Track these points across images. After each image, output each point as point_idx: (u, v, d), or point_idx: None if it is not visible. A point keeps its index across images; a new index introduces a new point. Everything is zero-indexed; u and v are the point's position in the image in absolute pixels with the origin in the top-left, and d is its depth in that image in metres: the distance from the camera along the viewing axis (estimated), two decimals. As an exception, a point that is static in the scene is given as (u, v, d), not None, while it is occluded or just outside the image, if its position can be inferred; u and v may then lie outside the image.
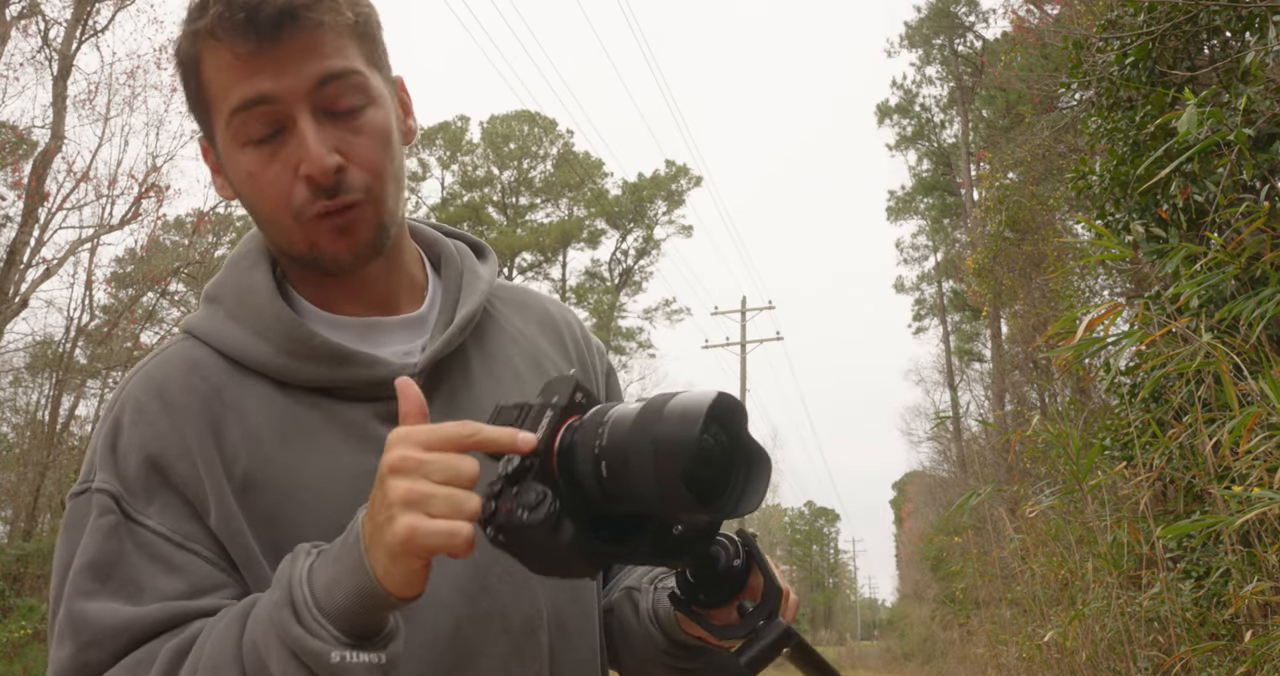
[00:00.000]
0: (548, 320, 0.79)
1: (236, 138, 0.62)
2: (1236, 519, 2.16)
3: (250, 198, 0.64)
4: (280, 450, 0.62)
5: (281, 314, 0.65)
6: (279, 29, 0.58)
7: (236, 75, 0.60)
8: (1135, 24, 3.95)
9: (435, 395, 0.67)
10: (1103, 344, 2.82)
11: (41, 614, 8.58)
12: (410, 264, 0.72)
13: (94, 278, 11.83)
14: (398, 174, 0.66)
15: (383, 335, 0.68)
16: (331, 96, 0.61)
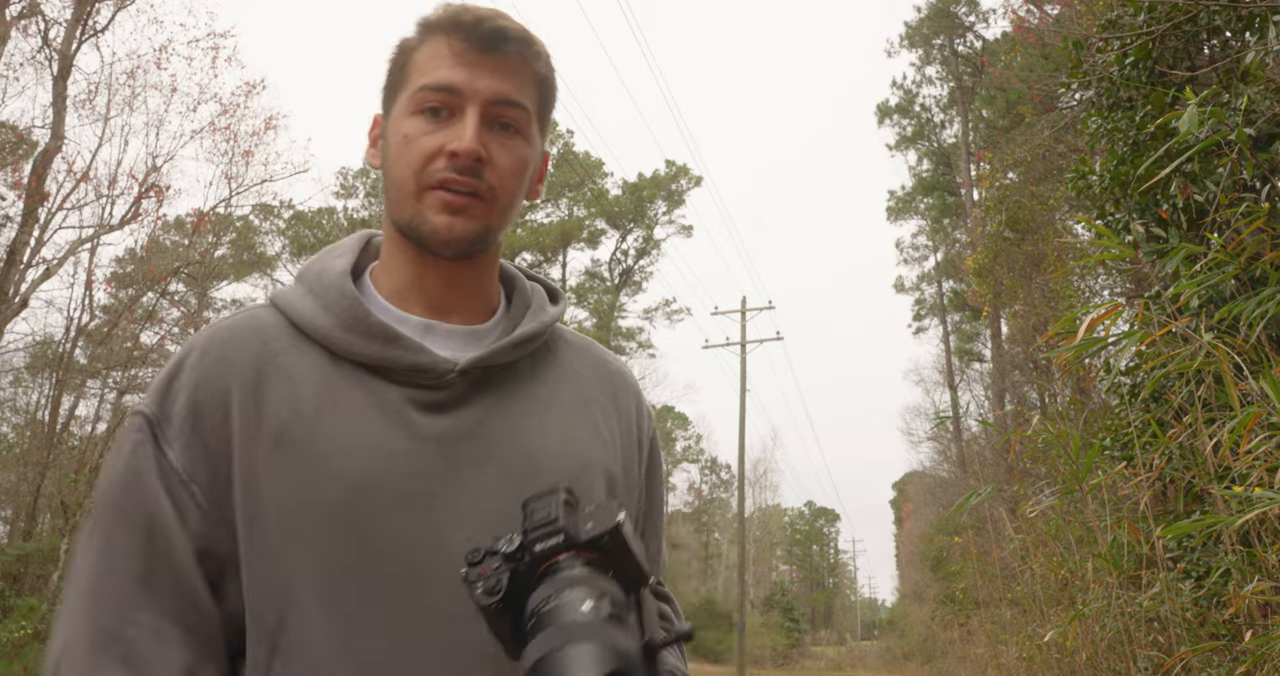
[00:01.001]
0: (605, 371, 0.84)
1: (411, 105, 0.72)
2: (1237, 519, 2.16)
3: (395, 158, 0.73)
4: (317, 413, 0.68)
5: (347, 292, 0.73)
6: (492, 46, 0.72)
7: (441, 63, 0.71)
8: (1135, 24, 3.94)
9: (478, 401, 0.72)
10: (1103, 344, 2.82)
11: (41, 614, 8.56)
12: (486, 286, 0.79)
13: (94, 278, 11.79)
14: (516, 200, 0.75)
15: (438, 337, 0.74)
16: (499, 113, 0.73)
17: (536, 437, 0.73)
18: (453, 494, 0.68)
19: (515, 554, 0.56)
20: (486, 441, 0.71)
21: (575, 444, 0.76)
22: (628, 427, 0.82)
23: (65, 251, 10.13)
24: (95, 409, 13.61)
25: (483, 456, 0.70)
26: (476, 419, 0.71)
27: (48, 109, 9.55)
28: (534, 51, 0.74)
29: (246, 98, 12.34)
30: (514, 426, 0.73)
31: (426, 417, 0.70)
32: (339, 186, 21.74)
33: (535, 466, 0.72)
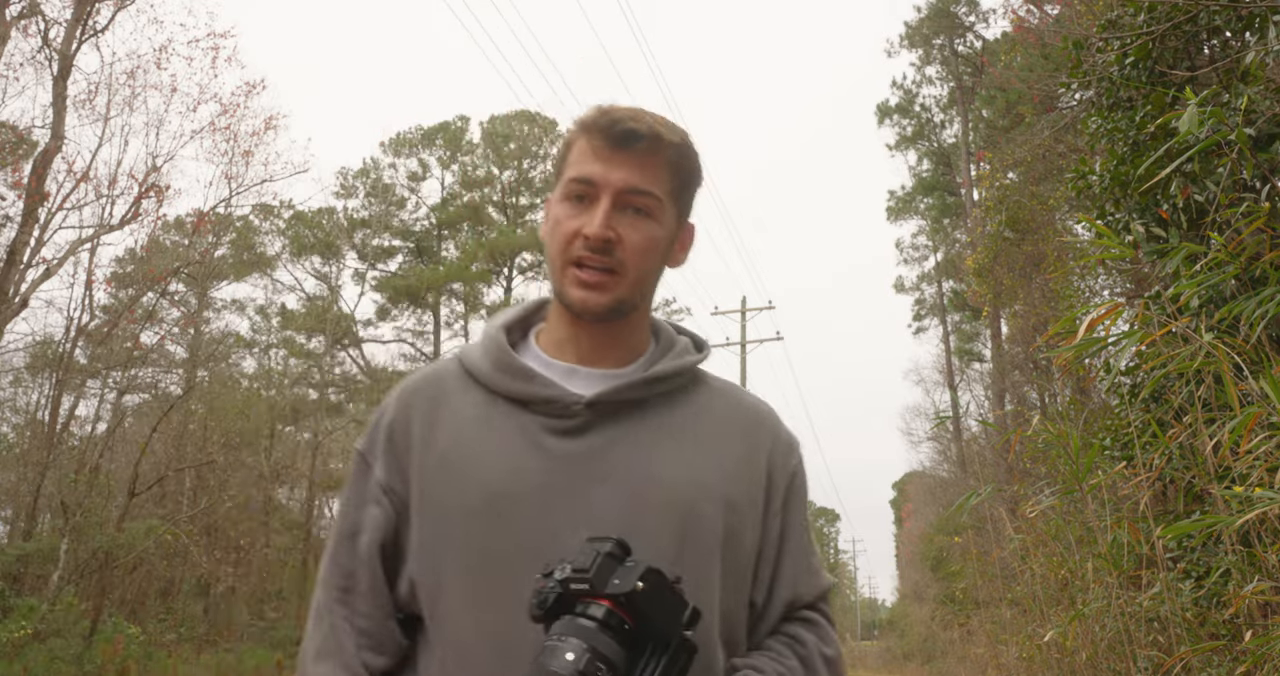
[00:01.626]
0: (740, 411, 0.95)
1: (562, 193, 0.88)
2: (1237, 519, 2.16)
3: (549, 236, 0.89)
4: (473, 438, 0.87)
5: (500, 341, 0.92)
6: (623, 143, 0.86)
7: (586, 159, 0.87)
8: (1135, 24, 3.94)
9: (605, 429, 0.86)
10: (1104, 344, 2.81)
11: (42, 614, 8.52)
12: (631, 339, 0.93)
13: (94, 278, 11.76)
14: (651, 273, 0.89)
15: (579, 378, 0.89)
16: (629, 200, 0.86)
17: (656, 463, 0.86)
18: (574, 503, 0.82)
19: (563, 582, 0.68)
20: (608, 462, 0.85)
21: (694, 471, 0.87)
22: (755, 461, 0.91)
23: (65, 251, 10.14)
24: (95, 409, 13.59)
25: (604, 474, 0.84)
26: (601, 444, 0.85)
27: (48, 109, 9.56)
28: (664, 143, 0.87)
29: (246, 98, 12.39)
30: (636, 451, 0.86)
31: (557, 441, 0.85)
32: (339, 186, 21.73)
33: (651, 485, 0.84)
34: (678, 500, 0.84)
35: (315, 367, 18.33)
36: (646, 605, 0.66)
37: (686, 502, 0.84)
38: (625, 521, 0.80)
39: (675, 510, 0.84)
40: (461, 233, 22.96)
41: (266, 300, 19.92)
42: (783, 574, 0.91)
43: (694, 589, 0.77)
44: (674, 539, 0.83)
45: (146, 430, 11.92)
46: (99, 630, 9.30)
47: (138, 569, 11.47)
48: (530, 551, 0.79)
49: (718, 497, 0.86)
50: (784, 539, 0.92)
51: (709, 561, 0.84)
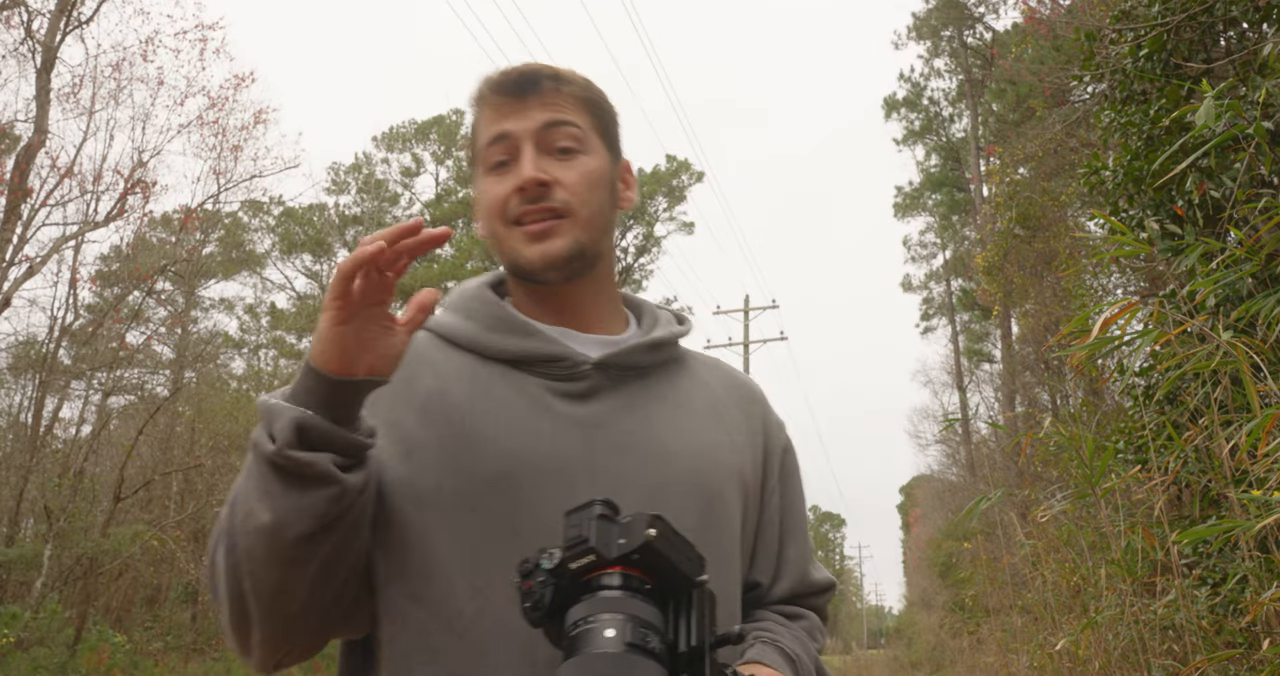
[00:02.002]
0: (733, 384, 0.90)
1: (483, 165, 0.81)
2: (1255, 524, 2.11)
3: (483, 213, 0.81)
4: (462, 398, 0.77)
5: (488, 299, 0.83)
6: (524, 90, 0.80)
7: (491, 120, 0.81)
8: (1149, 15, 3.86)
9: (613, 395, 0.79)
10: (1118, 344, 2.75)
11: (25, 622, 8.49)
12: (609, 304, 0.86)
13: (78, 276, 11.72)
14: (601, 212, 0.81)
15: (574, 341, 0.81)
16: (552, 138, 0.79)
17: (671, 434, 0.79)
18: (595, 475, 0.74)
19: (556, 569, 0.60)
20: (623, 431, 0.78)
21: (708, 445, 0.81)
22: (754, 436, 0.87)
23: (49, 249, 10.05)
24: (80, 411, 13.47)
25: (622, 444, 0.77)
26: (612, 410, 0.78)
27: (31, 103, 9.49)
28: (565, 79, 0.81)
29: (235, 91, 12.26)
30: (649, 422, 0.79)
31: (566, 404, 0.77)
32: (330, 182, 21.65)
33: (671, 457, 0.78)
34: (699, 476, 0.79)
35: (308, 368, 18.27)
36: (664, 551, 0.59)
37: (705, 474, 0.79)
38: (648, 494, 0.74)
39: (696, 482, 0.78)
40: (456, 229, 22.94)
41: (256, 299, 19.94)
42: (788, 556, 0.86)
43: (716, 562, 0.71)
44: (698, 511, 0.77)
45: (132, 433, 11.90)
46: (84, 638, 9.27)
47: (123, 575, 11.46)
48: (550, 526, 0.68)
49: (733, 469, 0.82)
50: (785, 517, 0.87)
51: (730, 534, 0.80)
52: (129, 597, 12.08)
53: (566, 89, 0.81)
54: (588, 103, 0.82)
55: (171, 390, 12.89)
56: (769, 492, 0.86)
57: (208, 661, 11.05)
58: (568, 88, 0.81)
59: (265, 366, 18.89)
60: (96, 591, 10.82)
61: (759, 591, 0.85)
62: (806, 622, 0.85)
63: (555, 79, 0.81)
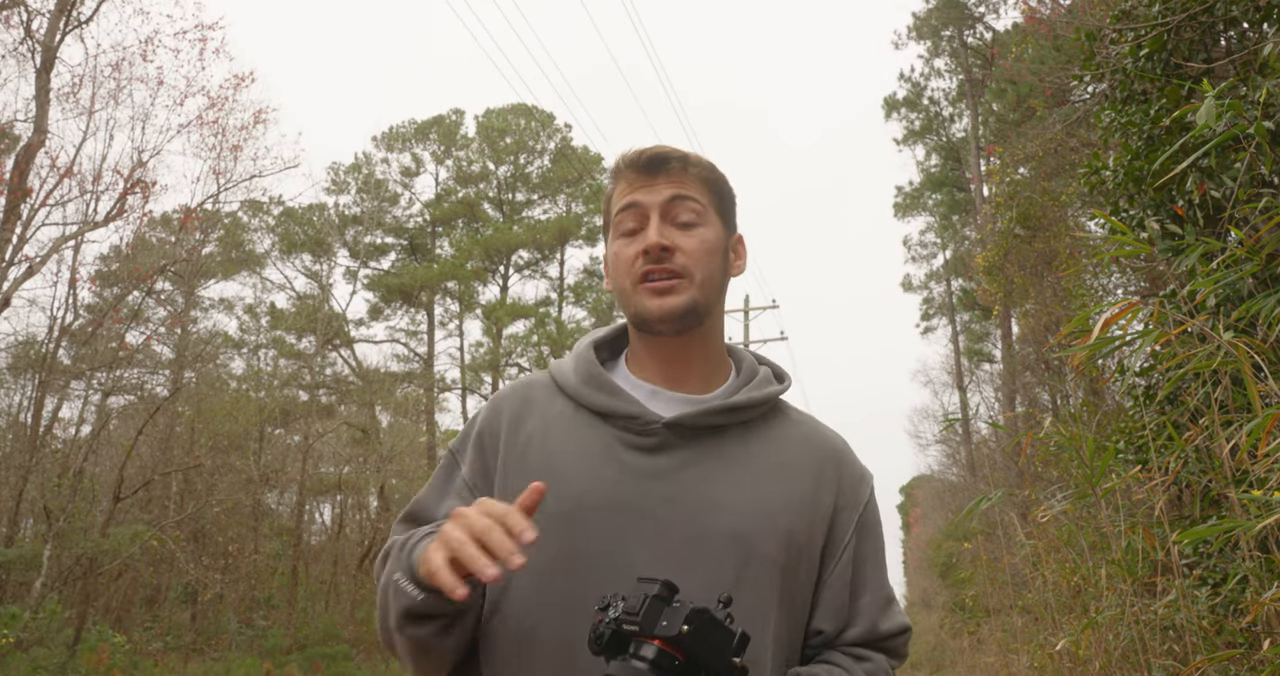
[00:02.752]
0: (814, 444, 0.98)
1: (616, 230, 0.95)
2: (1255, 524, 2.11)
3: (613, 273, 0.95)
4: (558, 443, 0.92)
5: (588, 357, 0.97)
6: (656, 168, 0.94)
7: (624, 192, 0.95)
8: (1150, 14, 3.86)
9: (681, 451, 0.90)
10: (1119, 344, 2.74)
11: (24, 622, 8.47)
12: (712, 360, 0.97)
13: (78, 276, 11.70)
14: (714, 277, 0.94)
15: (661, 400, 0.94)
16: (676, 211, 0.93)
17: (726, 490, 0.89)
18: (643, 519, 0.86)
19: (616, 620, 0.73)
20: (680, 484, 0.88)
21: (762, 502, 0.90)
22: (824, 495, 0.95)
23: (48, 249, 10.02)
24: (79, 411, 13.41)
25: (675, 495, 0.88)
26: (675, 464, 0.89)
27: (30, 103, 9.47)
28: (692, 161, 0.95)
29: (235, 91, 12.26)
30: (706, 476, 0.89)
31: (634, 456, 0.90)
32: (330, 182, 21.62)
33: (715, 510, 0.88)
34: (740, 527, 0.88)
35: (305, 368, 18.11)
36: (694, 644, 0.71)
37: (748, 530, 0.88)
38: (689, 543, 0.86)
39: (737, 537, 0.88)
40: (456, 229, 22.85)
41: (255, 299, 19.79)
42: (860, 607, 0.94)
43: (748, 612, 0.84)
44: (734, 564, 0.87)
45: (132, 433, 11.90)
46: (83, 639, 9.27)
47: (123, 575, 11.46)
48: (600, 558, 0.85)
49: (780, 529, 0.90)
50: (859, 570, 0.95)
51: (766, 588, 0.88)
52: (129, 598, 12.07)
53: (692, 170, 0.95)
54: (708, 182, 0.96)
55: (171, 390, 12.88)
56: (834, 548, 0.94)
57: (207, 661, 11.02)
58: (693, 169, 0.95)
59: (265, 366, 18.86)
60: (96, 591, 10.81)
61: (823, 637, 0.93)
62: (870, 665, 0.92)
63: (683, 161, 0.95)
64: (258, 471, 13.86)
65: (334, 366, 19.55)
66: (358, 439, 17.05)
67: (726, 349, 1.01)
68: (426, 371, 21.18)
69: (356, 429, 17.08)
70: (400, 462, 16.40)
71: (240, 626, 12.68)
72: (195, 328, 16.84)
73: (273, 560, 14.94)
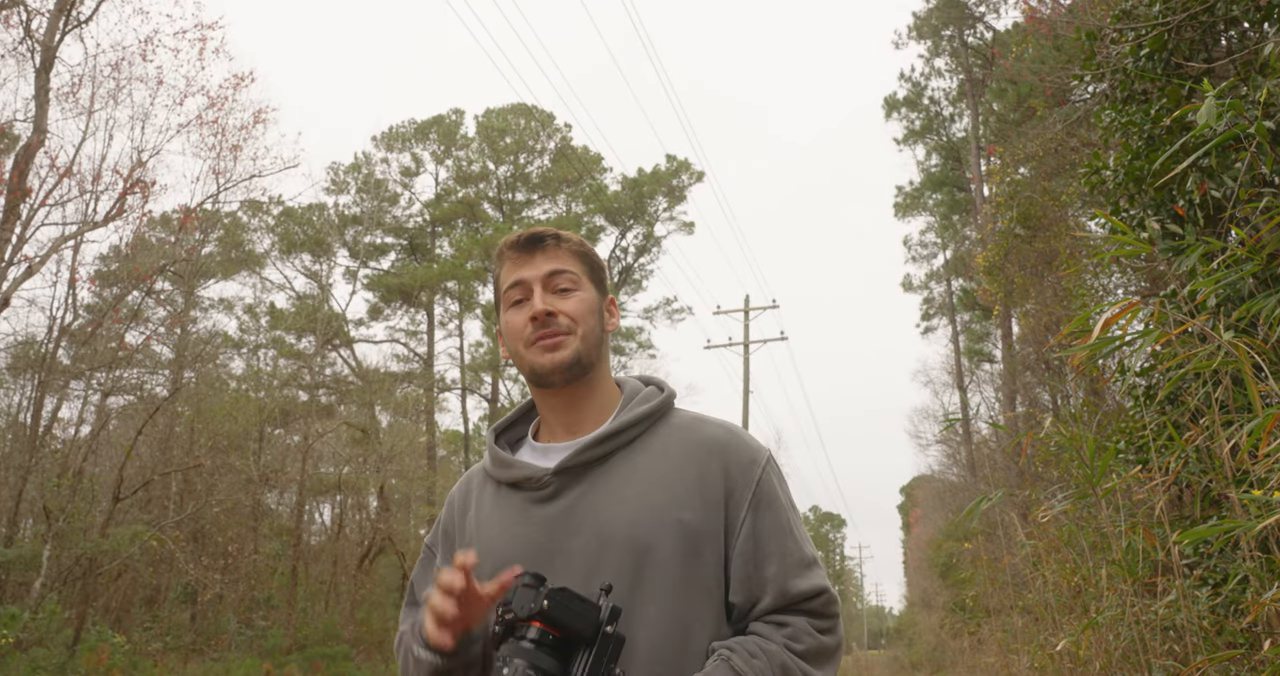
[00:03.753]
0: (693, 444, 1.09)
1: (505, 303, 1.11)
2: (1256, 524, 2.11)
3: (508, 339, 1.11)
4: (485, 519, 1.11)
5: (490, 443, 1.16)
6: (533, 245, 1.10)
7: (510, 270, 1.11)
8: (1150, 14, 3.85)
9: (572, 490, 1.06)
10: (1119, 343, 2.74)
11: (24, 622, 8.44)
12: (604, 402, 1.12)
13: (77, 276, 11.69)
14: (596, 331, 1.10)
15: (554, 453, 1.10)
16: (555, 282, 1.09)
17: (616, 506, 1.03)
18: (554, 558, 1.02)
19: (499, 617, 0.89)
20: (577, 517, 1.04)
21: (650, 504, 1.03)
22: (711, 483, 1.06)
23: (48, 249, 9.99)
24: (79, 411, 13.38)
25: (575, 529, 1.03)
26: (570, 504, 1.05)
27: (30, 102, 9.45)
28: (564, 239, 1.11)
29: (235, 91, 12.23)
30: (597, 503, 1.04)
31: (539, 509, 1.06)
32: (330, 182, 21.57)
33: (610, 529, 1.02)
34: (634, 532, 1.01)
35: (305, 368, 18.06)
36: (560, 616, 0.86)
37: (642, 532, 1.02)
38: (592, 562, 1.00)
39: (633, 541, 1.01)
40: (456, 229, 22.80)
41: (255, 299, 19.76)
42: (766, 576, 1.03)
43: (655, 596, 0.99)
44: (633, 567, 1.01)
45: (131, 433, 11.89)
46: (83, 639, 9.26)
47: (122, 576, 11.45)
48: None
49: (670, 521, 1.02)
50: (759, 543, 1.04)
51: (665, 576, 1.01)
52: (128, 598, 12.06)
53: (565, 246, 1.10)
54: (579, 255, 1.11)
55: (171, 390, 12.87)
56: (733, 527, 1.05)
57: (207, 661, 11.01)
58: (565, 245, 1.10)
59: (265, 366, 18.85)
60: (95, 592, 10.80)
61: (738, 610, 1.04)
62: (789, 629, 1.01)
63: (556, 239, 1.10)
64: (257, 471, 13.85)
65: (334, 366, 19.54)
66: (357, 439, 17.04)
67: (616, 382, 1.15)
68: (426, 371, 21.17)
69: (356, 429, 17.06)
70: (400, 463, 16.40)
71: (240, 626, 12.68)
72: (195, 328, 16.83)
73: (272, 560, 14.94)
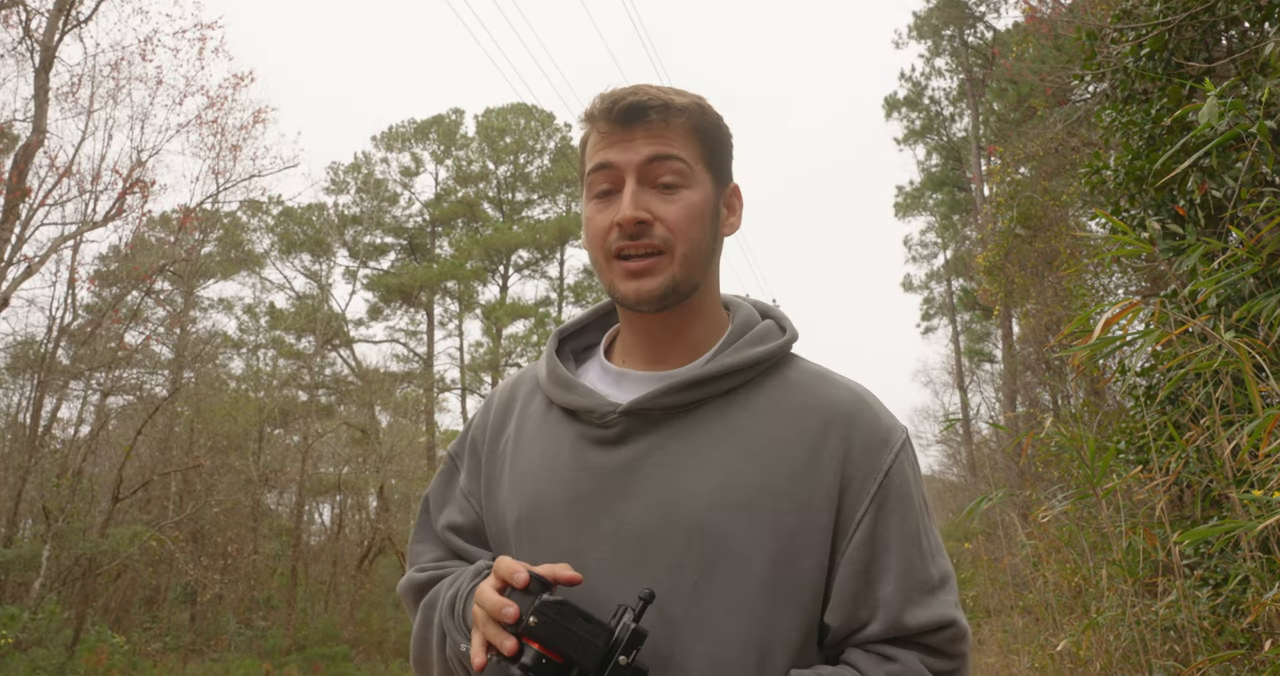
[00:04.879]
0: (819, 408, 0.83)
1: (588, 191, 0.85)
2: (1256, 524, 2.10)
3: (587, 239, 0.85)
4: (526, 446, 0.88)
5: (549, 353, 0.92)
6: (632, 119, 0.82)
7: (597, 146, 0.84)
8: (1151, 14, 3.85)
9: (643, 439, 0.82)
10: (1120, 343, 2.74)
11: (23, 623, 8.45)
12: (703, 328, 0.87)
13: (77, 276, 11.67)
14: (703, 246, 0.83)
15: (629, 382, 0.86)
16: (656, 173, 0.82)
17: (692, 477, 0.79)
18: (599, 519, 0.80)
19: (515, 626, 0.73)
20: (639, 475, 0.80)
21: (735, 486, 0.79)
22: (825, 469, 0.80)
23: (47, 249, 9.93)
24: (78, 411, 13.35)
25: (635, 489, 0.80)
26: (637, 455, 0.81)
27: (29, 102, 9.41)
28: (675, 109, 0.82)
29: (234, 90, 12.20)
30: (671, 463, 0.80)
31: (595, 451, 0.83)
32: (329, 182, 21.56)
33: (679, 502, 0.79)
34: (706, 519, 0.77)
35: (305, 369, 18.06)
36: (551, 637, 0.68)
37: (715, 521, 0.77)
38: (648, 541, 0.78)
39: (702, 530, 0.77)
40: (456, 229, 22.77)
41: (254, 299, 19.75)
42: (880, 595, 0.79)
43: (717, 614, 0.75)
44: (696, 561, 0.77)
45: (131, 433, 11.85)
46: (82, 639, 9.22)
47: (122, 576, 11.43)
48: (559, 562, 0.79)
49: (760, 516, 0.78)
50: (875, 554, 0.79)
51: (745, 579, 0.77)
52: (127, 598, 12.05)
53: (675, 121, 0.82)
54: (696, 131, 0.83)
55: (170, 390, 12.87)
56: (845, 529, 0.80)
57: (206, 662, 11.01)
58: (676, 119, 0.82)
59: (264, 366, 18.85)
60: (95, 592, 10.79)
61: (835, 633, 0.80)
62: (895, 666, 0.78)
63: (664, 111, 0.81)
64: (257, 471, 13.84)
65: (333, 366, 19.53)
66: (357, 439, 17.03)
67: (725, 304, 0.90)
68: (426, 371, 21.16)
69: (356, 429, 17.05)
70: (400, 463, 16.38)
71: (239, 627, 12.67)
72: (194, 327, 16.81)
73: (272, 560, 14.92)
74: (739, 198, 0.90)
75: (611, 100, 0.82)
